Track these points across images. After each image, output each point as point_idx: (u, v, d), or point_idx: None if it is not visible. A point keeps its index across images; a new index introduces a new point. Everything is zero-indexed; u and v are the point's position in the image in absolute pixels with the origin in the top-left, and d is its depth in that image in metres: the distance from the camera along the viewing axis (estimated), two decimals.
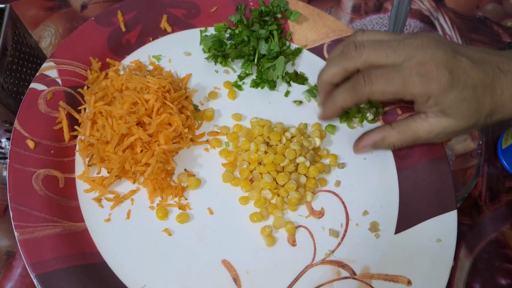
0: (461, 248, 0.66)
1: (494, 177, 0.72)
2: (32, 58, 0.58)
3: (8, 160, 0.50)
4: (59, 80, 0.56)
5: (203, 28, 0.68)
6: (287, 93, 0.66)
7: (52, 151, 0.53)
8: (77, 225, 0.51)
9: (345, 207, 0.59)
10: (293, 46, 0.70)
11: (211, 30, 0.68)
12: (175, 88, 0.58)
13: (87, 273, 0.48)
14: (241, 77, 0.65)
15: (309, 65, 0.69)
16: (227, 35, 0.68)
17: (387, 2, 0.88)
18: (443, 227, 0.57)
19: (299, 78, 0.67)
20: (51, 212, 0.50)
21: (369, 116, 0.64)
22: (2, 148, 0.60)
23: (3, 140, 0.58)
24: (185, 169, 0.57)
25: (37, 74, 0.55)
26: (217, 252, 0.53)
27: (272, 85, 0.65)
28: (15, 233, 0.47)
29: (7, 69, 0.53)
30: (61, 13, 0.77)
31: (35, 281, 0.45)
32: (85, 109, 0.56)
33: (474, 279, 0.63)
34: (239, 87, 0.65)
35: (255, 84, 0.65)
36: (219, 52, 0.64)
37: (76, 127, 0.55)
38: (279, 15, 0.69)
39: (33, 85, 0.54)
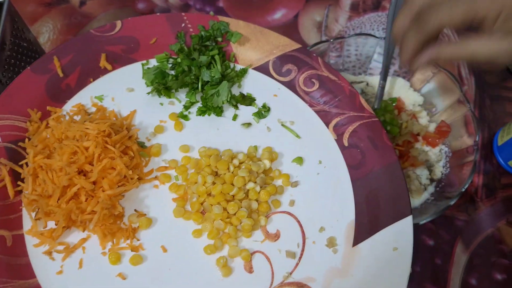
0: (458, 243, 0.66)
1: (490, 173, 0.73)
2: (31, 52, 0.59)
3: None
4: None
5: (144, 61, 0.68)
6: (234, 117, 0.66)
7: None
8: (29, 282, 0.51)
9: (300, 226, 0.59)
10: (239, 67, 0.70)
11: (153, 62, 0.68)
12: (116, 130, 0.58)
13: None
14: (186, 107, 0.65)
15: (256, 84, 0.69)
16: (170, 65, 0.68)
17: (385, 0, 0.88)
18: (399, 235, 0.58)
19: (246, 100, 0.67)
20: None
21: None
22: None
23: None
24: (135, 210, 0.57)
25: None
26: None
27: (219, 111, 0.65)
28: None
29: (6, 63, 0.53)
30: (59, 9, 0.78)
31: None
32: (27, 162, 0.56)
33: (470, 275, 0.64)
34: (185, 117, 0.65)
35: (201, 112, 0.65)
36: (160, 85, 0.64)
37: (19, 182, 0.55)
38: (220, 39, 0.69)
39: None
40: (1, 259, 0.51)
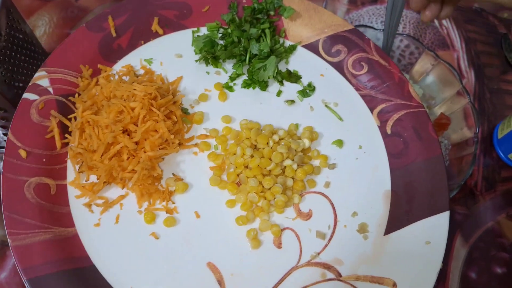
0: (457, 237, 0.66)
1: (490, 167, 0.72)
2: (27, 44, 0.58)
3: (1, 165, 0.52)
4: (50, 89, 0.58)
5: (195, 29, 0.68)
6: (279, 93, 0.66)
7: (44, 159, 0.56)
8: (68, 230, 0.54)
9: (333, 208, 0.59)
10: (288, 43, 0.69)
11: (204, 30, 0.68)
12: (162, 94, 0.58)
13: (76, 276, 0.51)
14: (232, 78, 0.65)
15: (304, 62, 0.68)
16: (220, 35, 0.68)
17: None
18: (434, 229, 0.57)
19: (292, 77, 0.67)
20: (42, 219, 0.52)
21: None
22: None
23: None
24: (173, 173, 0.59)
25: (29, 84, 0.57)
26: (203, 255, 0.55)
27: (264, 86, 0.65)
28: (8, 240, 0.50)
29: (1, 55, 0.52)
30: (55, 3, 0.78)
31: (26, 285, 0.49)
32: (75, 117, 0.57)
33: (470, 268, 0.64)
34: (230, 89, 0.65)
35: (246, 85, 0.65)
36: (209, 53, 0.65)
37: (67, 135, 0.57)
38: (272, 12, 0.69)
39: (25, 95, 0.57)
40: (45, 206, 0.53)
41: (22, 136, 0.55)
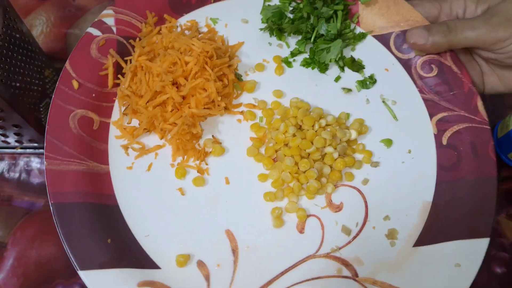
0: None
1: None
2: (24, 44, 0.57)
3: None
4: (114, 29, 0.59)
5: None
6: (337, 79, 0.63)
7: (94, 94, 0.57)
8: (101, 167, 0.55)
9: (366, 207, 0.57)
10: (358, 30, 0.66)
11: (275, 0, 0.66)
12: (219, 55, 0.58)
13: (99, 212, 0.52)
14: (293, 54, 0.64)
15: (371, 53, 0.65)
16: (291, 8, 0.66)
17: None
18: (468, 253, 0.53)
19: (355, 65, 0.64)
20: (80, 150, 0.54)
21: None
22: None
23: None
24: (212, 135, 0.58)
25: (96, 19, 0.59)
26: (223, 221, 0.54)
27: (323, 68, 0.63)
28: (44, 162, 0.52)
29: None
30: (53, 2, 0.76)
31: (52, 208, 0.50)
32: (131, 59, 0.58)
33: None
34: (289, 64, 0.63)
35: (306, 64, 0.63)
36: (275, 25, 0.63)
37: (119, 76, 0.58)
38: None
39: (89, 29, 0.58)
40: (85, 138, 0.55)
41: (78, 68, 0.57)
